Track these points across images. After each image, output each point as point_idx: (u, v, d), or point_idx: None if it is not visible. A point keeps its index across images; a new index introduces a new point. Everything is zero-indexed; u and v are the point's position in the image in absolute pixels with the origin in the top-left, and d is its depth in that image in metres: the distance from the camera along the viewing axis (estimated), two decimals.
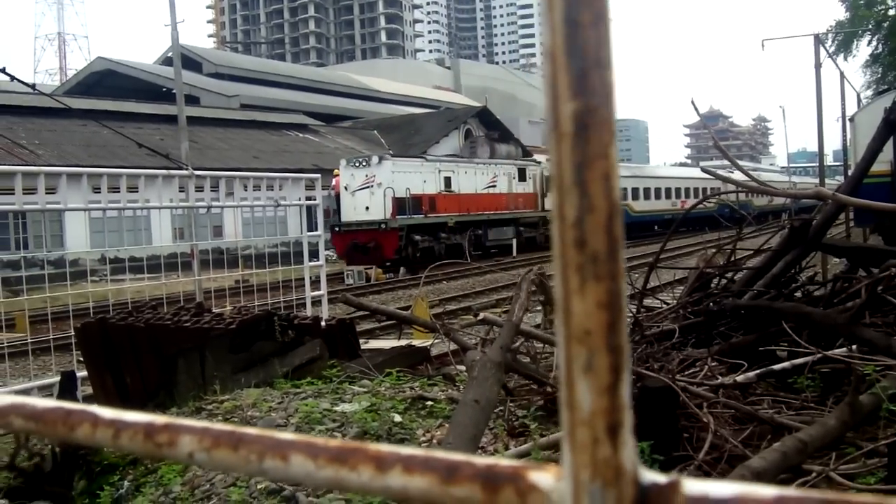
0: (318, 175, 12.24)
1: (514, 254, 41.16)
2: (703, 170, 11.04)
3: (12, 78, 10.39)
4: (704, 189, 63.59)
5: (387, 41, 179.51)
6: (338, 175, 36.89)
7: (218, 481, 5.22)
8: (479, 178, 42.02)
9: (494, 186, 42.89)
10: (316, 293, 11.07)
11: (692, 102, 8.48)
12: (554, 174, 0.48)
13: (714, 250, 9.69)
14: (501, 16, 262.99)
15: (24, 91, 41.24)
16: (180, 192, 10.68)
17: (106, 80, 71.40)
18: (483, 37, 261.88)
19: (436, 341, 10.05)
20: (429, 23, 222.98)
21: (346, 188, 35.99)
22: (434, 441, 5.53)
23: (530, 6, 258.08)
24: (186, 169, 11.07)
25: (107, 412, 0.55)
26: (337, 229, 35.07)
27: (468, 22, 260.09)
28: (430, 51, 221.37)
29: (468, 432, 4.40)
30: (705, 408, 5.55)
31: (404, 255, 35.27)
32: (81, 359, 8.82)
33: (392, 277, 32.53)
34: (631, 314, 8.32)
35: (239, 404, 6.29)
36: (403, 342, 10.59)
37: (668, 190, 62.78)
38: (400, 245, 34.95)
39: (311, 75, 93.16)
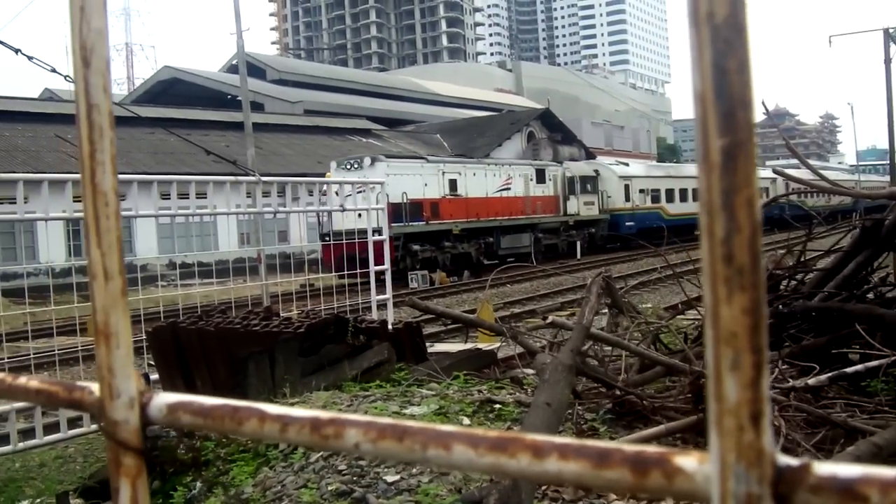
0: (383, 181, 12.30)
1: (579, 256, 40.91)
2: (775, 171, 10.83)
3: None
4: None
5: (448, 45, 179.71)
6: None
7: (289, 482, 5.28)
8: (491, 179, 38.67)
9: (508, 189, 39.57)
10: (381, 297, 11.13)
11: (762, 103, 8.39)
12: (704, 199, 0.55)
13: (783, 251, 9.57)
14: (563, 17, 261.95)
15: None
16: (247, 197, 10.81)
17: (172, 88, 72.53)
18: (544, 38, 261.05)
19: (501, 345, 10.05)
20: (490, 26, 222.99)
21: (336, 193, 29.45)
22: None
23: (591, 7, 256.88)
24: (254, 175, 11.20)
25: (272, 408, 0.58)
26: (326, 238, 29.45)
27: (529, 24, 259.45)
28: (491, 53, 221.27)
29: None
30: (776, 411, 5.48)
31: (402, 266, 31.51)
32: (152, 362, 8.97)
33: (456, 281, 32.58)
34: (700, 316, 8.25)
35: (308, 407, 6.35)
36: (469, 346, 10.61)
37: None
38: (396, 256, 30.30)
39: (374, 80, 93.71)
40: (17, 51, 9.70)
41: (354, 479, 5.10)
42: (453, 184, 36.34)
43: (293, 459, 5.56)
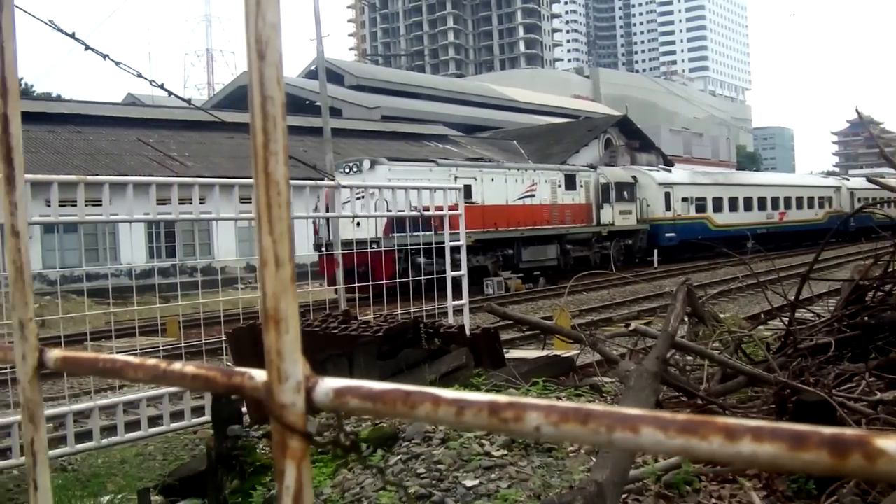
0: (462, 186, 12.32)
1: (656, 265, 40.47)
2: (869, 179, 10.60)
3: (170, 93, 10.77)
4: (811, 198, 56.81)
5: (525, 51, 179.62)
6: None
7: (368, 485, 5.29)
8: (512, 186, 34.96)
9: (532, 196, 35.72)
10: (457, 302, 11.12)
11: (856, 109, 8.21)
12: None
13: (870, 261, 9.35)
14: (641, 23, 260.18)
15: (175, 105, 42.99)
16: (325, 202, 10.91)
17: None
18: (622, 45, 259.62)
19: (580, 352, 9.97)
20: (567, 32, 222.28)
21: (347, 201, 19.38)
22: (582, 451, 5.49)
23: (671, 13, 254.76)
24: (333, 180, 11.29)
25: (447, 392, 0.57)
26: (323, 250, 26.54)
27: (607, 30, 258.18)
28: (569, 60, 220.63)
29: None
30: (864, 424, 5.36)
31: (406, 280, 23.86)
32: (230, 363, 9.07)
33: (531, 288, 32.50)
34: (783, 326, 8.10)
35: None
36: (546, 352, 10.55)
37: (761, 200, 52.84)
38: (397, 269, 24.74)
39: (451, 86, 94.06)
40: (104, 56, 9.86)
41: (433, 482, 5.09)
42: (468, 190, 31.25)
43: (372, 462, 5.58)
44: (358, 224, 25.22)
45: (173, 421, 9.08)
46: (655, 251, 41.82)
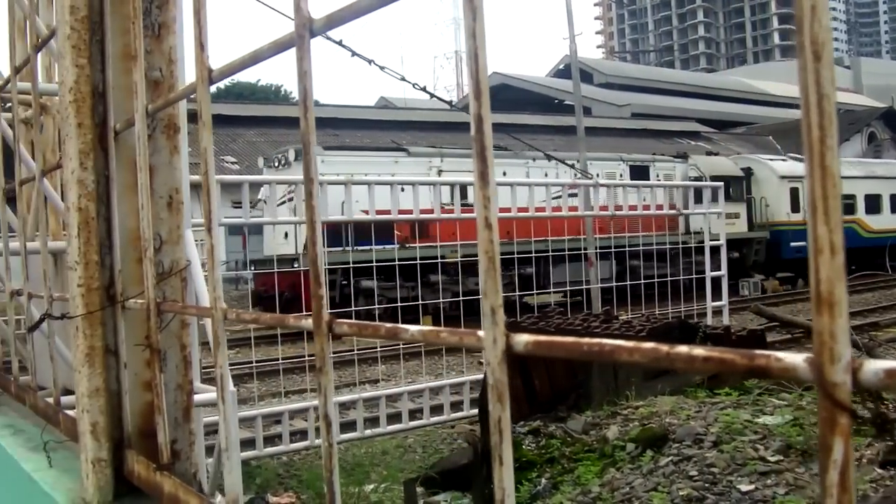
0: (721, 183, 12.06)
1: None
2: None
3: (432, 95, 11.12)
4: None
5: (780, 42, 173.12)
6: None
7: (638, 485, 5.27)
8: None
9: (574, 195, 20.75)
10: (717, 303, 10.89)
11: None
12: None
13: None
14: None
15: (426, 107, 44.16)
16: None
17: (500, 93, 74.39)
18: (886, 31, 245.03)
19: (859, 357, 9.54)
20: None
21: (265, 202, 10.60)
22: (864, 460, 5.26)
23: None
24: (591, 178, 11.33)
25: None
26: (253, 267, 21.57)
27: (869, 16, 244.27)
28: None
29: None
30: None
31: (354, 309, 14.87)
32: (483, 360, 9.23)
33: (789, 289, 31.32)
34: None
35: (655, 410, 6.33)
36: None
37: None
38: (337, 294, 19.74)
39: (702, 81, 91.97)
40: (370, 61, 10.28)
41: (706, 485, 5.02)
42: (464, 189, 17.16)
43: (641, 462, 5.55)
44: (286, 235, 21.45)
45: (433, 415, 9.34)
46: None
